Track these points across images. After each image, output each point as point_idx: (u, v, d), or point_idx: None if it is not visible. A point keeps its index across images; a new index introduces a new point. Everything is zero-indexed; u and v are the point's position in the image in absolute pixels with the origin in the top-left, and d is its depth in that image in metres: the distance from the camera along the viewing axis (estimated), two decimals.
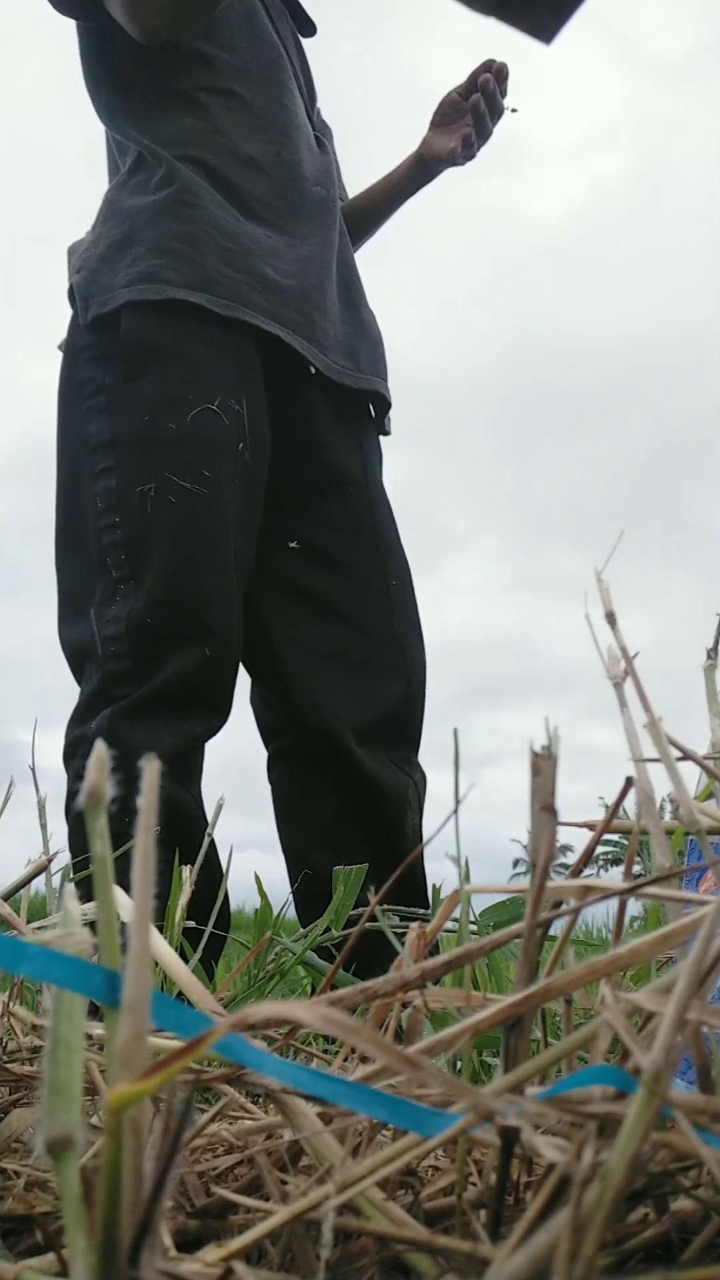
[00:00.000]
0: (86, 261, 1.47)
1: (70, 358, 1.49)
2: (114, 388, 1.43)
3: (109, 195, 1.52)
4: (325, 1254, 0.31)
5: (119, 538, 1.39)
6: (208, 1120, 0.47)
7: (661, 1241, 0.35)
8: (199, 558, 1.40)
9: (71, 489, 1.47)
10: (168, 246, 1.42)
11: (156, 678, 1.37)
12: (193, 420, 1.40)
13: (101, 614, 1.40)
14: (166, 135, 1.49)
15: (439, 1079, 0.31)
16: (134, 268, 1.42)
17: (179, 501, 1.38)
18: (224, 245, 1.45)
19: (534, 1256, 0.27)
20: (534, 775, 0.37)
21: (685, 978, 0.31)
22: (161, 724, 1.37)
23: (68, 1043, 0.29)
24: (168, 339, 1.41)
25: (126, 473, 1.40)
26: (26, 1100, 0.60)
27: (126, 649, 1.38)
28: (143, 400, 1.40)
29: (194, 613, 1.39)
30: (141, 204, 1.46)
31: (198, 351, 1.42)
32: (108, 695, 1.39)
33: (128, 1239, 0.26)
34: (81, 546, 1.45)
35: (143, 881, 0.29)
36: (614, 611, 0.56)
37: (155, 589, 1.38)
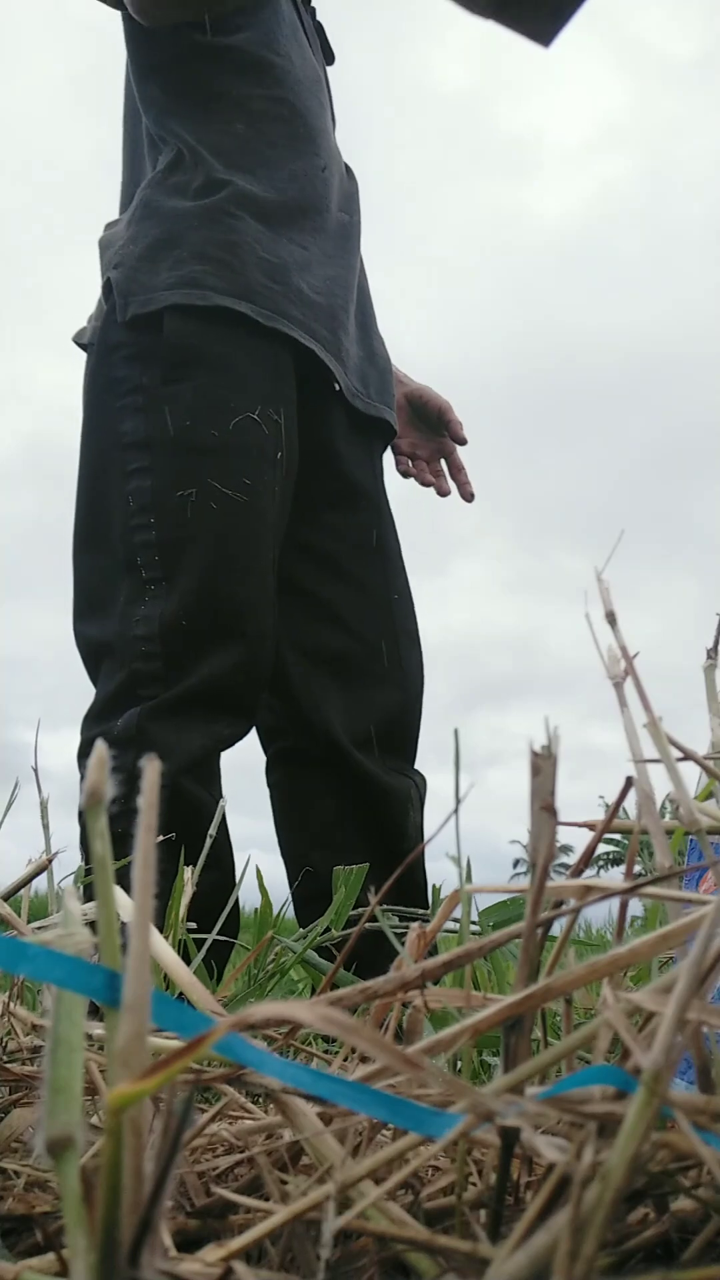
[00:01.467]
0: (125, 258, 1.45)
1: (103, 354, 1.47)
2: (152, 389, 1.42)
3: (145, 194, 1.49)
4: (325, 1254, 0.31)
5: (153, 538, 1.39)
6: (208, 1120, 0.47)
7: (661, 1241, 0.35)
8: (239, 563, 1.40)
9: (97, 485, 1.46)
10: (211, 254, 1.42)
11: (188, 679, 1.37)
12: (235, 428, 1.41)
13: (130, 613, 1.39)
14: (215, 140, 1.48)
15: (439, 1079, 0.31)
16: (177, 271, 1.42)
17: (220, 508, 1.39)
18: (264, 257, 1.46)
19: (534, 1256, 0.27)
20: (534, 775, 0.37)
21: (685, 978, 0.31)
22: (191, 725, 1.37)
23: (68, 1043, 0.29)
24: (210, 345, 1.42)
25: (165, 475, 1.40)
26: (26, 1100, 0.60)
27: (159, 649, 1.37)
28: (184, 404, 1.41)
29: (231, 617, 1.39)
30: (182, 207, 1.45)
31: (239, 359, 1.43)
32: (133, 695, 1.38)
33: (128, 1239, 0.26)
34: (105, 543, 1.44)
35: (143, 881, 0.29)
36: (614, 611, 0.56)
37: (192, 592, 1.38)
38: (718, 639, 0.66)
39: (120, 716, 1.38)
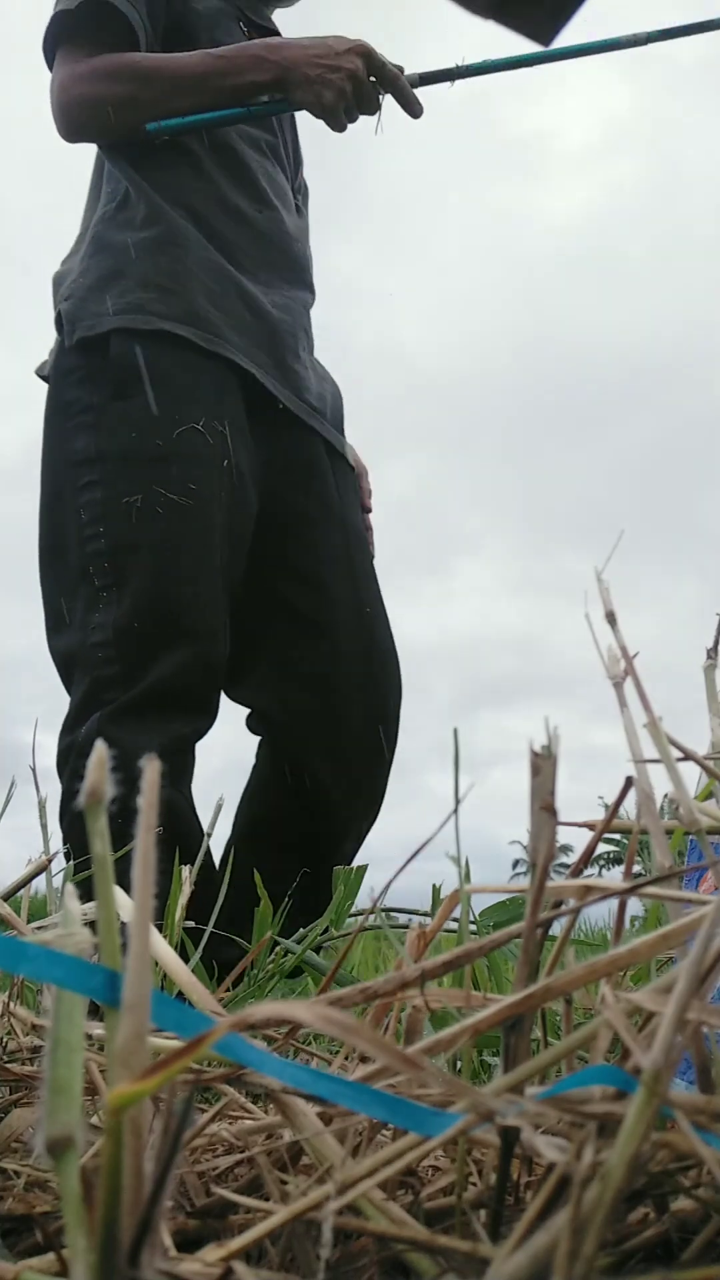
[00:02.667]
0: (75, 290, 1.53)
1: (56, 380, 1.54)
2: (101, 406, 1.48)
3: (96, 229, 1.57)
4: (325, 1254, 0.31)
5: (103, 547, 1.44)
6: (208, 1120, 0.47)
7: (661, 1241, 0.35)
8: (184, 565, 1.44)
9: (54, 506, 1.52)
10: (156, 282, 1.50)
11: (143, 681, 1.40)
12: (179, 437, 1.46)
13: (87, 621, 1.44)
14: (159, 178, 1.56)
15: (439, 1079, 0.31)
16: (123, 298, 1.49)
17: (165, 512, 1.43)
18: (208, 285, 1.53)
19: (534, 1256, 0.27)
20: (534, 775, 0.37)
21: (685, 978, 0.31)
22: (149, 726, 1.40)
23: (68, 1043, 0.29)
24: (154, 363, 1.47)
25: (112, 486, 1.45)
26: (26, 1100, 0.60)
27: (115, 654, 1.42)
28: (130, 418, 1.46)
29: (178, 617, 1.43)
30: (129, 240, 1.52)
31: (182, 377, 1.49)
32: (97, 700, 1.42)
33: (128, 1239, 0.26)
34: (64, 558, 1.50)
35: (143, 881, 0.29)
36: (614, 611, 0.56)
37: (140, 595, 1.42)
38: (718, 639, 0.66)
39: (80, 725, 1.42)
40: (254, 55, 1.52)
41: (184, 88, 1.51)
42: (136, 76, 1.51)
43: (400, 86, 1.53)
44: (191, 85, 1.51)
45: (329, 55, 1.50)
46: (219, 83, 1.52)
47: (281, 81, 1.51)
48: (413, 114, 1.56)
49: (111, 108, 1.51)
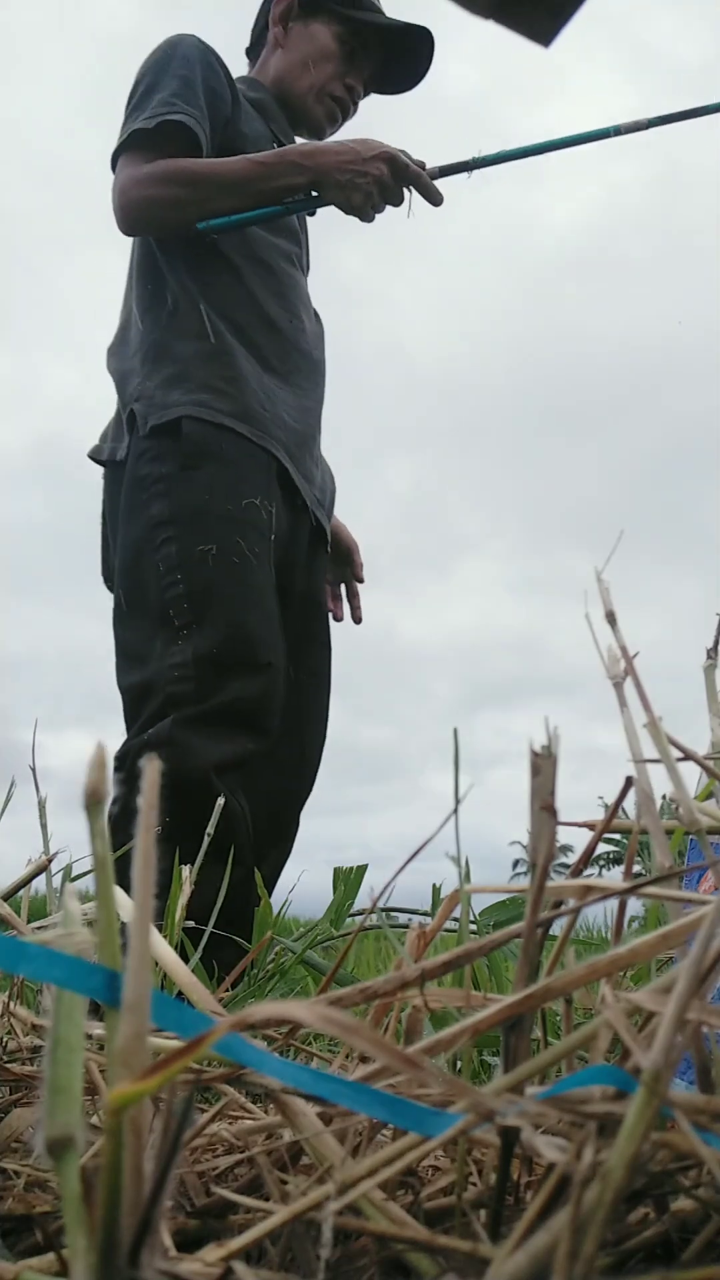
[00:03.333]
0: (143, 392, 1.76)
1: (131, 463, 1.75)
2: (173, 475, 1.70)
3: (155, 336, 1.78)
4: (325, 1254, 0.31)
5: (182, 591, 1.65)
6: (208, 1120, 0.47)
7: (661, 1241, 0.35)
8: (254, 607, 1.68)
9: (135, 567, 1.71)
10: (215, 386, 1.74)
11: (217, 698, 1.60)
12: (244, 506, 1.71)
13: (166, 655, 1.63)
14: (208, 290, 1.79)
15: (439, 1079, 0.31)
16: (189, 395, 1.73)
17: (239, 561, 1.67)
18: (255, 390, 1.78)
19: (534, 1256, 0.27)
20: (534, 775, 0.37)
21: (685, 978, 0.31)
22: (219, 734, 1.59)
23: (68, 1043, 0.29)
24: (218, 447, 1.72)
25: (188, 538, 1.67)
26: (26, 1100, 0.60)
27: (191, 674, 1.61)
28: (200, 485, 1.69)
29: (254, 651, 1.65)
30: (189, 350, 1.76)
31: (241, 459, 1.73)
32: (165, 714, 1.59)
33: (128, 1239, 0.26)
34: (143, 610, 1.69)
35: (143, 881, 0.29)
36: (614, 611, 0.56)
37: (220, 628, 1.63)
38: (718, 639, 0.66)
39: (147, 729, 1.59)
40: (291, 162, 1.73)
41: (228, 189, 1.72)
42: (188, 180, 1.71)
43: (422, 183, 1.74)
44: (235, 187, 1.72)
45: (357, 161, 1.71)
46: (259, 185, 1.72)
47: (314, 185, 1.74)
48: (434, 204, 1.77)
49: (164, 208, 1.72)
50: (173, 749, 1.54)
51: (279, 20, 1.94)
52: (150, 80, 1.77)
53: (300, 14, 1.93)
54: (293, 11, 1.93)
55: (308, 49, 1.92)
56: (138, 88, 1.78)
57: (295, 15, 1.93)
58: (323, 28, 1.92)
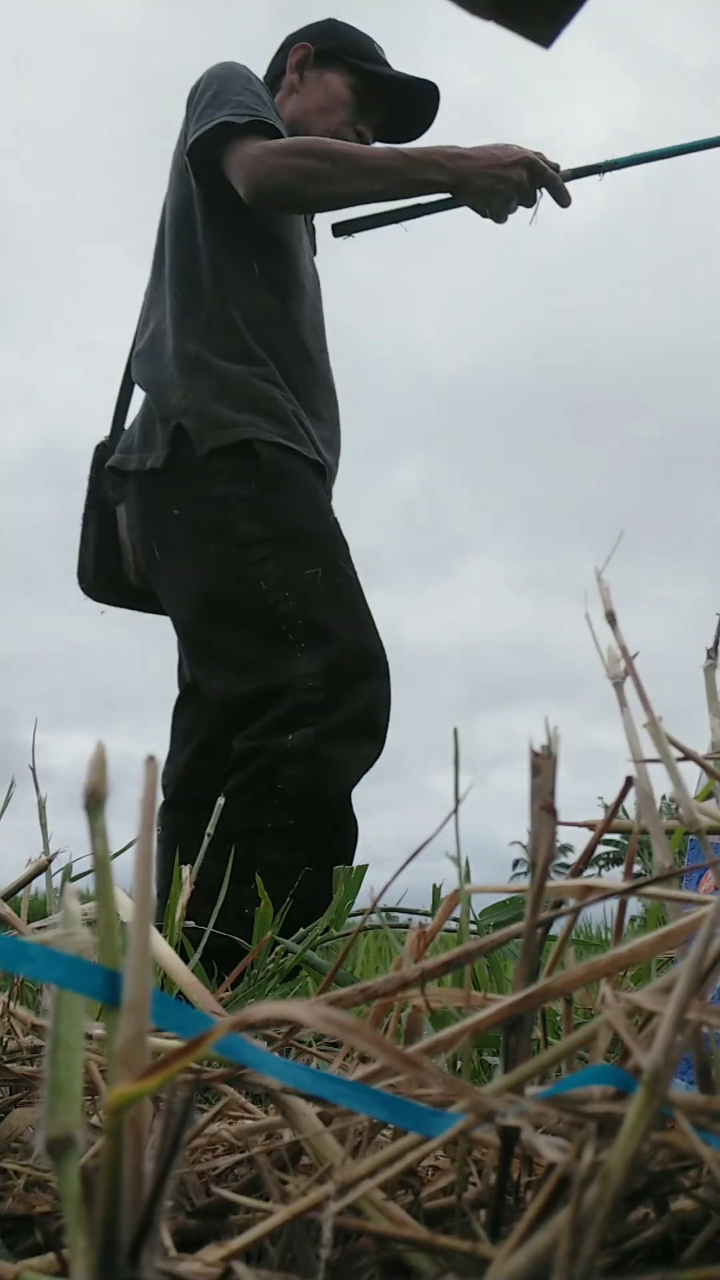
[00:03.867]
0: (189, 406, 1.80)
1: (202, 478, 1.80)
2: (255, 498, 1.77)
3: (191, 349, 1.82)
4: (325, 1254, 0.31)
5: (293, 608, 1.73)
6: (208, 1120, 0.47)
7: (661, 1241, 0.35)
8: (363, 620, 1.79)
9: (225, 578, 1.78)
10: (261, 408, 1.81)
11: (346, 709, 1.70)
12: (331, 523, 1.83)
13: (288, 666, 1.71)
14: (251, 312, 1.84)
15: (439, 1079, 0.31)
16: (240, 415, 1.79)
17: (342, 581, 1.78)
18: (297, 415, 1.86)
19: (534, 1256, 0.27)
20: (534, 775, 0.37)
21: (685, 978, 0.31)
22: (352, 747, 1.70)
23: (68, 1043, 0.29)
24: (290, 466, 1.81)
25: (289, 557, 1.75)
26: (26, 1100, 0.60)
27: (322, 684, 1.70)
28: (288, 506, 1.78)
29: (375, 661, 1.77)
30: (229, 369, 1.81)
31: (309, 478, 1.84)
32: (297, 721, 1.68)
33: (128, 1239, 0.26)
34: (239, 621, 1.77)
35: (143, 881, 0.29)
36: (614, 611, 0.56)
37: (346, 642, 1.74)
38: (718, 639, 0.66)
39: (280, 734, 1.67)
40: (434, 160, 1.76)
41: (370, 172, 1.75)
42: (330, 155, 1.75)
43: (557, 187, 1.79)
44: (377, 172, 1.76)
45: (498, 167, 1.75)
46: (399, 175, 1.76)
47: (453, 187, 1.76)
48: (563, 206, 1.83)
49: (305, 179, 1.73)
50: (314, 763, 1.66)
51: (295, 68, 2.02)
52: (220, 87, 1.83)
53: (315, 63, 2.01)
54: (309, 60, 2.02)
55: (322, 96, 1.99)
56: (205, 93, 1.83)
57: (311, 64, 2.02)
58: (337, 77, 2.00)
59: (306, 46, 2.02)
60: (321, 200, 1.80)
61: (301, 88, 2.01)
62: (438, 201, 1.80)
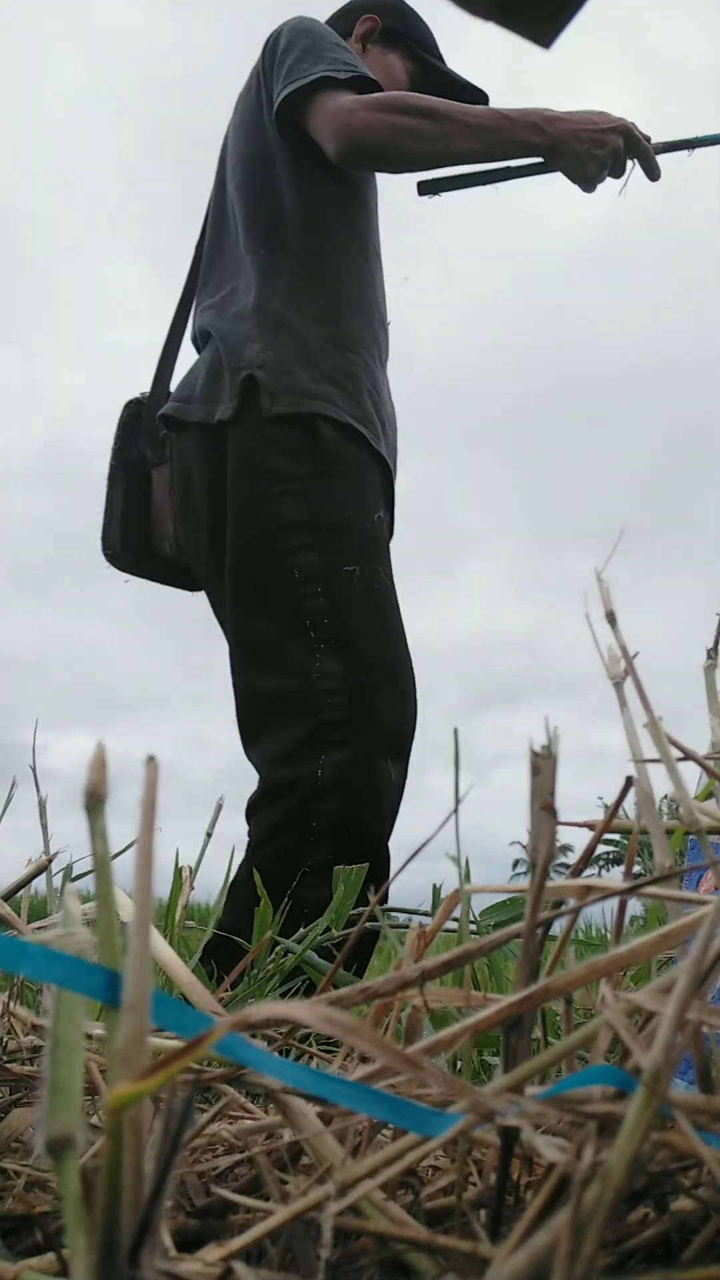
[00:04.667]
0: (264, 361, 1.70)
1: (254, 445, 1.68)
2: (307, 479, 1.67)
3: (275, 307, 1.73)
4: (325, 1254, 0.31)
5: (321, 605, 1.63)
6: (208, 1120, 0.47)
7: (661, 1241, 0.35)
8: (396, 633, 1.69)
9: (258, 557, 1.68)
10: (337, 379, 1.71)
11: (370, 729, 1.60)
12: (376, 521, 1.72)
13: (308, 668, 1.61)
14: (341, 276, 1.78)
15: (439, 1079, 0.31)
16: (316, 385, 1.69)
17: (379, 586, 1.68)
18: (370, 390, 1.76)
19: (534, 1256, 0.27)
20: (534, 775, 0.37)
21: (685, 978, 0.31)
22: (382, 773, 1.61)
23: (68, 1043, 0.29)
24: (349, 453, 1.71)
25: (330, 554, 1.65)
26: (26, 1100, 0.60)
27: (344, 701, 1.61)
28: (338, 497, 1.68)
29: (399, 677, 1.67)
30: (312, 331, 1.73)
31: (368, 468, 1.74)
32: (320, 740, 1.60)
33: (128, 1239, 0.26)
34: (268, 607, 1.67)
35: (143, 881, 0.29)
36: (614, 611, 0.56)
37: (370, 653, 1.64)
38: (718, 639, 0.66)
39: (308, 761, 1.59)
40: (532, 122, 1.70)
41: (470, 131, 1.68)
42: (430, 112, 1.67)
43: (649, 159, 1.75)
44: (477, 131, 1.68)
45: (596, 131, 1.70)
46: (497, 136, 1.69)
47: (549, 150, 1.70)
48: (653, 179, 1.78)
49: (402, 135, 1.66)
50: (347, 797, 1.58)
51: (360, 39, 1.97)
52: (311, 41, 1.75)
53: (380, 40, 1.97)
54: (374, 35, 1.97)
55: (382, 74, 1.92)
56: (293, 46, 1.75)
57: (375, 39, 1.97)
58: (398, 60, 1.96)
59: (375, 20, 1.96)
60: (416, 159, 1.70)
61: (363, 59, 1.90)
62: (529, 165, 1.74)
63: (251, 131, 1.83)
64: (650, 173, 1.77)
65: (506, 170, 1.75)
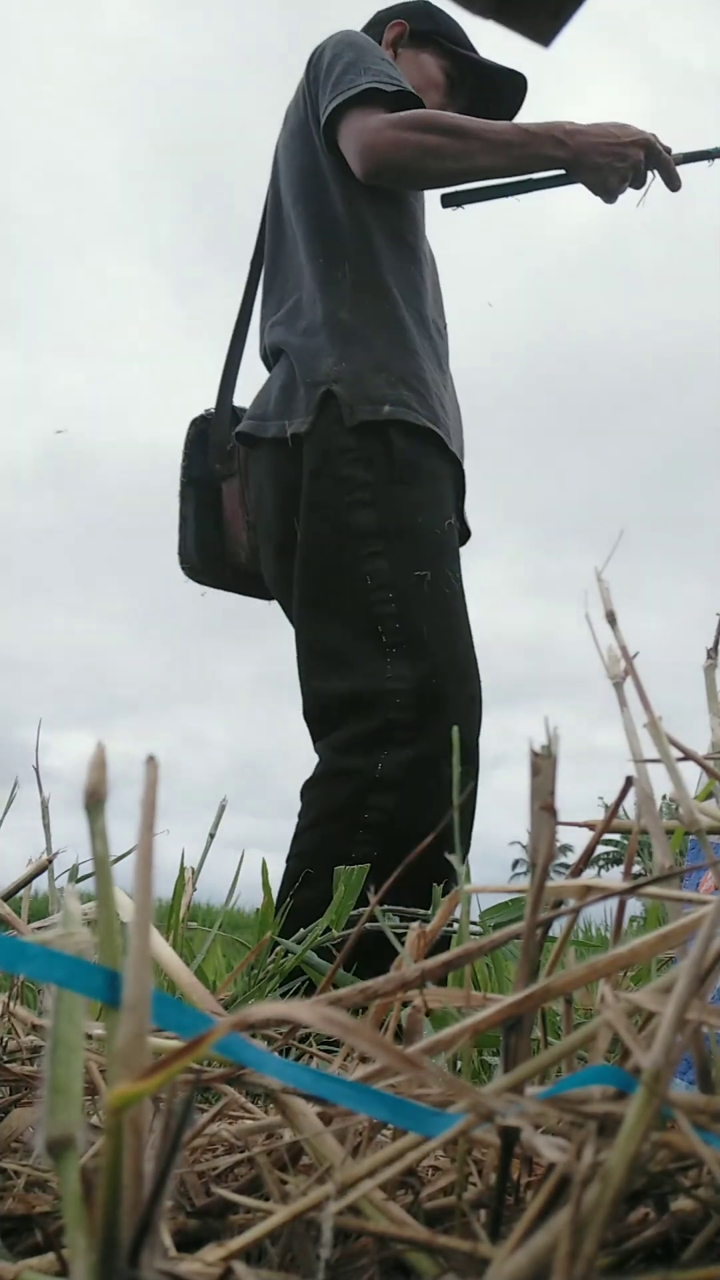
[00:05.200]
0: (340, 374, 1.73)
1: (329, 455, 1.72)
2: (380, 487, 1.69)
3: (341, 317, 1.76)
4: (325, 1254, 0.31)
5: (394, 610, 1.66)
6: (208, 1120, 0.47)
7: (661, 1241, 0.35)
8: (465, 637, 1.71)
9: (329, 565, 1.72)
10: (411, 384, 1.74)
11: (436, 730, 1.61)
12: (447, 528, 1.74)
13: (378, 670, 1.64)
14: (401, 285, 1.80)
15: (439, 1079, 0.31)
16: (392, 390, 1.72)
17: (450, 592, 1.70)
18: (438, 393, 1.79)
19: (534, 1256, 0.27)
20: (534, 775, 0.37)
21: (685, 978, 0.31)
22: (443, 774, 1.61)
23: (68, 1043, 0.29)
24: (423, 459, 1.73)
25: (399, 558, 1.67)
26: (26, 1100, 0.60)
27: (413, 702, 1.63)
28: (410, 504, 1.70)
29: (467, 680, 1.69)
30: (380, 337, 1.76)
31: (440, 474, 1.76)
32: (387, 738, 1.62)
33: (128, 1239, 0.26)
34: (338, 613, 1.70)
35: (143, 881, 0.29)
36: (614, 611, 0.56)
37: (437, 658, 1.65)
38: (718, 639, 0.66)
39: (369, 754, 1.61)
40: (554, 136, 1.73)
41: (493, 147, 1.71)
42: (454, 130, 1.70)
43: (670, 170, 1.79)
44: (500, 147, 1.72)
45: (617, 145, 1.74)
46: (520, 151, 1.73)
47: (571, 163, 1.74)
48: (673, 189, 1.81)
49: (425, 154, 1.69)
50: (404, 793, 1.58)
51: (391, 45, 2.00)
52: (356, 55, 1.79)
53: (410, 42, 2.00)
54: (404, 39, 2.00)
55: (417, 76, 1.96)
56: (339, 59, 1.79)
57: (406, 43, 2.00)
58: (431, 59, 1.98)
59: (403, 24, 1.99)
60: (441, 176, 1.76)
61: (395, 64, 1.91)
62: (551, 177, 1.79)
63: (301, 144, 1.87)
64: (670, 183, 1.80)
65: (529, 182, 1.79)
